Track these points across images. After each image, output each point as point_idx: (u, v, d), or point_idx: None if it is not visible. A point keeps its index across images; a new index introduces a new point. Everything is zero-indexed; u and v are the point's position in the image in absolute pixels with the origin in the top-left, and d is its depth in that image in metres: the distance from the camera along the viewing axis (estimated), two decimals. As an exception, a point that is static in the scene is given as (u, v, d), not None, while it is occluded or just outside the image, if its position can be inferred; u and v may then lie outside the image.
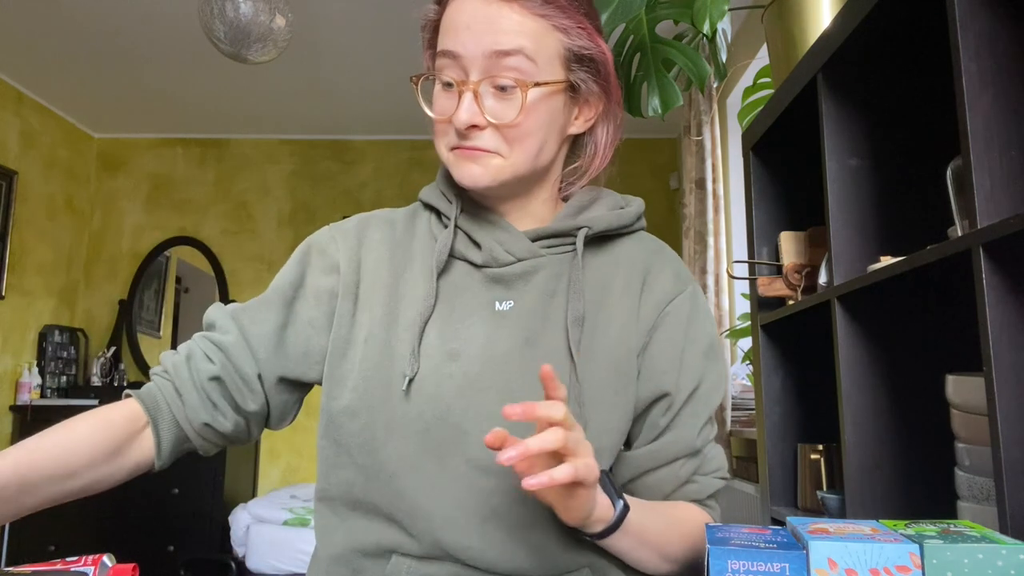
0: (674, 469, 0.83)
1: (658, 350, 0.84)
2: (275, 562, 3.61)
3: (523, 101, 0.77)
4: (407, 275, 0.86)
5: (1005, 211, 0.90)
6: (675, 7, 1.71)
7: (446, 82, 0.79)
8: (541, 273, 0.84)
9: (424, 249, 0.88)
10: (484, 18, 0.76)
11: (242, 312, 0.86)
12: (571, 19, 0.80)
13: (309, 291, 0.87)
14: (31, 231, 4.16)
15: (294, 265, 0.89)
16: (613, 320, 0.84)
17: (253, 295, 0.79)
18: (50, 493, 0.74)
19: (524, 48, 0.76)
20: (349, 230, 0.90)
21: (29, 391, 4.04)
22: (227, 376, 0.83)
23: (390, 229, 0.90)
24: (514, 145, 0.79)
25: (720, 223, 3.17)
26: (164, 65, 3.79)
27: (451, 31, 0.78)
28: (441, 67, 0.79)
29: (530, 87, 0.77)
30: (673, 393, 0.83)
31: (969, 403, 1.01)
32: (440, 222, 0.88)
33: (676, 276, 0.88)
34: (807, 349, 1.67)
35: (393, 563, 0.79)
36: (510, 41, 0.76)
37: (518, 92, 0.77)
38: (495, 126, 0.78)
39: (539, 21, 0.77)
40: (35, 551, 3.84)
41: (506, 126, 0.78)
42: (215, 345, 0.84)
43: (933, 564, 0.56)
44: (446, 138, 0.81)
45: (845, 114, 1.34)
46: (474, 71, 0.77)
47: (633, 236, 0.90)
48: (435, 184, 0.91)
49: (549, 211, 0.89)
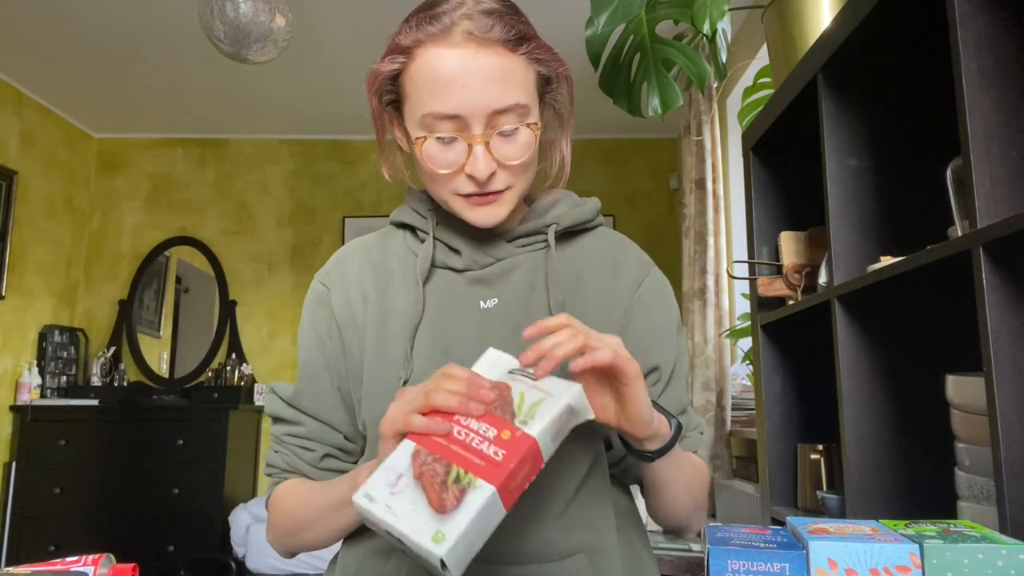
0: None
1: (641, 328, 0.90)
2: (275, 562, 3.62)
3: (532, 141, 0.82)
4: (390, 290, 0.90)
5: (1005, 211, 0.90)
6: (675, 7, 1.71)
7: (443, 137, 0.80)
8: (519, 270, 0.89)
9: (403, 263, 0.91)
10: (475, 75, 0.77)
11: (298, 397, 0.91)
12: (540, 48, 0.83)
13: (328, 347, 0.91)
14: (31, 231, 4.16)
15: (307, 329, 0.94)
16: (590, 305, 0.89)
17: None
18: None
19: (521, 102, 0.80)
20: (331, 270, 0.95)
21: (29, 391, 4.04)
22: (330, 452, 0.91)
23: (364, 255, 0.94)
24: (519, 177, 0.84)
25: (720, 223, 3.18)
26: (164, 65, 3.79)
27: (441, 90, 0.78)
28: (433, 125, 0.79)
29: (536, 131, 0.82)
30: (662, 365, 0.90)
31: (969, 403, 1.01)
32: (416, 237, 0.93)
33: (639, 261, 0.95)
34: (807, 349, 1.67)
35: (393, 561, 0.82)
36: (508, 98, 0.79)
37: (521, 132, 0.81)
38: (507, 167, 0.82)
39: (519, 60, 0.80)
40: (35, 551, 3.85)
41: (519, 165, 0.82)
42: (300, 438, 0.91)
43: (933, 564, 0.56)
44: (451, 185, 0.83)
45: (845, 114, 1.34)
46: (477, 126, 0.79)
47: (595, 231, 0.96)
48: (404, 205, 0.95)
49: (517, 213, 0.93)
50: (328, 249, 4.66)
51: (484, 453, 0.65)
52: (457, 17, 0.78)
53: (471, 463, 0.65)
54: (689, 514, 0.89)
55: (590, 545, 0.83)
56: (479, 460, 0.65)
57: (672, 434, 0.78)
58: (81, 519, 3.90)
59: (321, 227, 4.70)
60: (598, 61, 1.77)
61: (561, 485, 0.83)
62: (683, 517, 0.89)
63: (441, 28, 0.78)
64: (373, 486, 0.66)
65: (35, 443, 3.95)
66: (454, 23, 0.78)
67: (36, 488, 3.91)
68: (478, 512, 0.62)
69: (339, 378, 0.90)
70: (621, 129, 4.46)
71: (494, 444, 0.65)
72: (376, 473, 0.67)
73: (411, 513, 0.63)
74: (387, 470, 0.67)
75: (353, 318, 0.90)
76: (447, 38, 0.78)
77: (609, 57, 1.79)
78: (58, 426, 3.97)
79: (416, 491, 0.64)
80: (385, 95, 0.86)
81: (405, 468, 0.66)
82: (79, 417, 4.01)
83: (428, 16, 0.80)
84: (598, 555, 0.83)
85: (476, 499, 0.62)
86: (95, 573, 0.66)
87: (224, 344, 4.57)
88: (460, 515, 0.62)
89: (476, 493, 0.63)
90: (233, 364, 4.46)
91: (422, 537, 0.61)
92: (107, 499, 3.92)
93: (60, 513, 3.91)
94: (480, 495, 0.63)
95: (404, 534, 0.62)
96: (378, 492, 0.65)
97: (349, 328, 0.90)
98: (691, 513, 0.89)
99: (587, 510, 0.84)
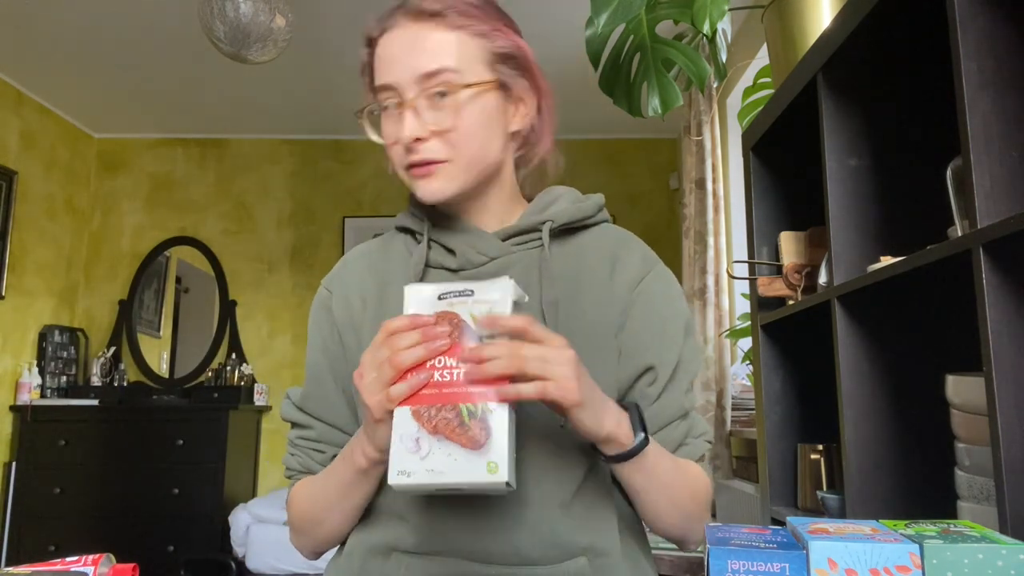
0: (669, 431, 0.88)
1: (639, 327, 0.89)
2: (275, 562, 3.62)
3: (465, 107, 0.83)
4: (389, 291, 0.91)
5: (1005, 211, 0.90)
6: (675, 7, 1.71)
7: (387, 108, 0.85)
8: (513, 269, 0.88)
9: (402, 266, 0.93)
10: (409, 45, 0.83)
11: (306, 401, 0.93)
12: (487, 24, 0.86)
13: (331, 350, 0.93)
14: (31, 231, 4.16)
15: (312, 333, 0.96)
16: (587, 304, 0.88)
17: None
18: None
19: (447, 65, 0.82)
20: (334, 275, 0.97)
21: (29, 391, 4.03)
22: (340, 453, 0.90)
23: (366, 258, 0.97)
24: (459, 147, 0.84)
25: (720, 223, 3.18)
26: (164, 65, 3.79)
27: (384, 65, 0.85)
28: (381, 99, 0.85)
29: (460, 89, 0.82)
30: (658, 366, 0.88)
31: (969, 403, 1.01)
32: (414, 240, 0.94)
33: (643, 258, 0.93)
34: (807, 349, 1.67)
35: (393, 561, 0.82)
36: (434, 62, 0.82)
37: (449, 97, 0.82)
38: (437, 133, 0.83)
39: (458, 33, 0.84)
40: (35, 551, 3.84)
41: (447, 130, 0.83)
42: (312, 440, 0.92)
43: (933, 564, 0.56)
44: (400, 159, 0.86)
45: (845, 114, 1.34)
46: (408, 93, 0.83)
47: (597, 228, 0.95)
48: (405, 210, 0.97)
49: (514, 211, 0.93)
50: (328, 249, 4.66)
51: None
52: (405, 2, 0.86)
53: (470, 394, 0.68)
54: (678, 525, 0.86)
55: (592, 547, 0.83)
56: (474, 388, 0.68)
57: (632, 447, 0.76)
58: (81, 519, 3.90)
59: (321, 227, 4.70)
60: (598, 61, 1.77)
61: (561, 487, 0.82)
62: (672, 527, 0.86)
63: (389, 14, 0.86)
64: (400, 461, 0.68)
65: (35, 443, 3.95)
66: (399, 8, 0.86)
67: (36, 488, 3.91)
68: (507, 430, 0.66)
69: (342, 380, 0.91)
70: (621, 129, 4.46)
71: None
72: (393, 449, 0.68)
73: (453, 463, 0.66)
74: (402, 441, 0.68)
75: (352, 320, 0.91)
76: (392, 21, 0.86)
77: (609, 57, 1.79)
78: (58, 426, 3.97)
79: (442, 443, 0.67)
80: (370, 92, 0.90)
81: (417, 430, 0.68)
82: (79, 417, 4.01)
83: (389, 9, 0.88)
84: (600, 557, 0.83)
85: (499, 420, 0.66)
86: (95, 573, 0.66)
87: (224, 344, 4.57)
88: (495, 441, 0.66)
89: (495, 416, 0.66)
90: (233, 364, 4.46)
91: (478, 477, 0.65)
92: (107, 499, 3.92)
93: (60, 513, 3.90)
94: (499, 415, 0.67)
95: (459, 483, 0.66)
96: (409, 464, 0.67)
97: (348, 330, 0.91)
98: (681, 524, 0.86)
99: (589, 512, 0.84)
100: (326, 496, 0.86)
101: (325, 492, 0.86)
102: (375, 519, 0.87)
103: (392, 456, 0.68)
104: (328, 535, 0.88)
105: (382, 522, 0.85)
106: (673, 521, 0.86)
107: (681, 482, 0.85)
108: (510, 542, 0.80)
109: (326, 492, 0.86)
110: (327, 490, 0.86)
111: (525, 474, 0.81)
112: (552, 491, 0.82)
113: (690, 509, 0.86)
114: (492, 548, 0.80)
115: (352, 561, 0.87)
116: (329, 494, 0.85)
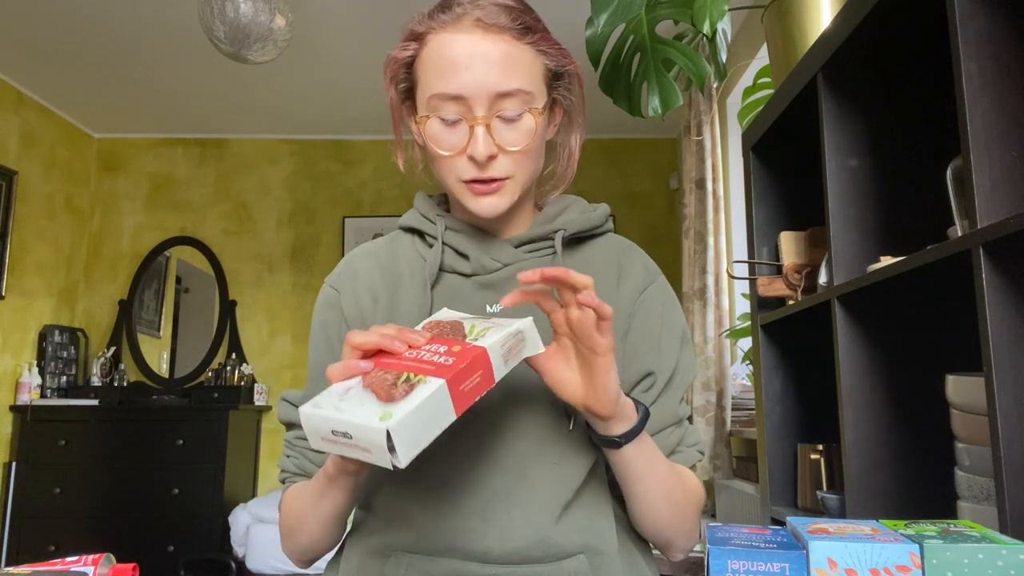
0: (663, 437, 0.88)
1: (639, 335, 0.90)
2: (275, 562, 3.61)
3: (534, 127, 0.83)
4: (399, 292, 0.90)
5: (1005, 211, 0.90)
6: (675, 7, 1.71)
7: (447, 119, 0.82)
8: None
9: (411, 267, 0.92)
10: (481, 58, 0.81)
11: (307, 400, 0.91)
12: (547, 41, 0.86)
13: (337, 349, 0.92)
14: (31, 231, 4.16)
15: (317, 333, 0.94)
16: None
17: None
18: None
19: (523, 88, 0.82)
20: (340, 274, 0.96)
21: (29, 391, 4.04)
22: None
23: (373, 258, 0.95)
24: (522, 166, 0.84)
25: (720, 223, 3.17)
26: (164, 65, 3.79)
27: (447, 72, 0.81)
28: (438, 106, 0.82)
29: (537, 115, 0.83)
30: (656, 373, 0.89)
31: (969, 403, 1.01)
32: (424, 242, 0.94)
33: (645, 268, 0.95)
34: (807, 349, 1.67)
35: (392, 561, 0.83)
36: (511, 83, 0.81)
37: (523, 118, 0.82)
38: (504, 151, 0.83)
39: (526, 49, 0.83)
40: (35, 551, 3.85)
41: (520, 152, 0.83)
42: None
43: (933, 564, 0.56)
44: (457, 171, 0.84)
45: (845, 114, 1.34)
46: (479, 108, 0.81)
47: (603, 237, 0.96)
48: (413, 210, 0.96)
49: (527, 220, 0.94)
50: (328, 249, 4.66)
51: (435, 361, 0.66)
52: (469, 7, 0.83)
53: (421, 368, 0.66)
54: (670, 524, 0.85)
55: (590, 546, 0.83)
56: (429, 366, 0.66)
57: (639, 419, 0.78)
58: (81, 519, 3.90)
59: (321, 227, 4.70)
60: (598, 61, 1.77)
61: (561, 486, 0.83)
62: (664, 526, 0.85)
63: (452, 16, 0.83)
64: (322, 397, 0.66)
65: (35, 443, 3.95)
66: (465, 12, 0.83)
67: (36, 488, 3.91)
68: (426, 398, 0.62)
69: None
70: (621, 129, 4.46)
71: (445, 356, 0.67)
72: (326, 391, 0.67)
73: (359, 407, 0.63)
74: (337, 387, 0.67)
75: (363, 318, 0.91)
76: (457, 24, 0.82)
77: (609, 57, 1.79)
78: (58, 426, 3.97)
79: (365, 394, 0.65)
80: (400, 83, 0.88)
81: (355, 383, 0.67)
82: (79, 417, 4.01)
83: (442, 6, 0.85)
84: (598, 556, 0.84)
85: (425, 390, 0.63)
86: (95, 573, 0.66)
87: (224, 344, 4.57)
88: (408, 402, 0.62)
89: (425, 386, 0.63)
90: (233, 364, 4.46)
91: (369, 420, 0.61)
92: (107, 499, 3.92)
93: (60, 513, 3.91)
94: (429, 387, 0.63)
95: (350, 422, 0.62)
96: (326, 400, 0.66)
97: (359, 328, 0.90)
98: (672, 522, 0.85)
99: (588, 512, 0.85)
100: (303, 502, 0.85)
101: (303, 498, 0.85)
102: (374, 519, 0.87)
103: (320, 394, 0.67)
104: (308, 543, 0.87)
105: (382, 522, 0.86)
106: (666, 516, 0.85)
107: (676, 479, 0.85)
108: (510, 541, 0.80)
109: (303, 498, 0.85)
110: (304, 496, 0.85)
111: (526, 474, 0.81)
112: (552, 491, 0.82)
113: (683, 507, 0.86)
114: (492, 548, 0.80)
115: (351, 561, 0.87)
116: (306, 500, 0.84)
